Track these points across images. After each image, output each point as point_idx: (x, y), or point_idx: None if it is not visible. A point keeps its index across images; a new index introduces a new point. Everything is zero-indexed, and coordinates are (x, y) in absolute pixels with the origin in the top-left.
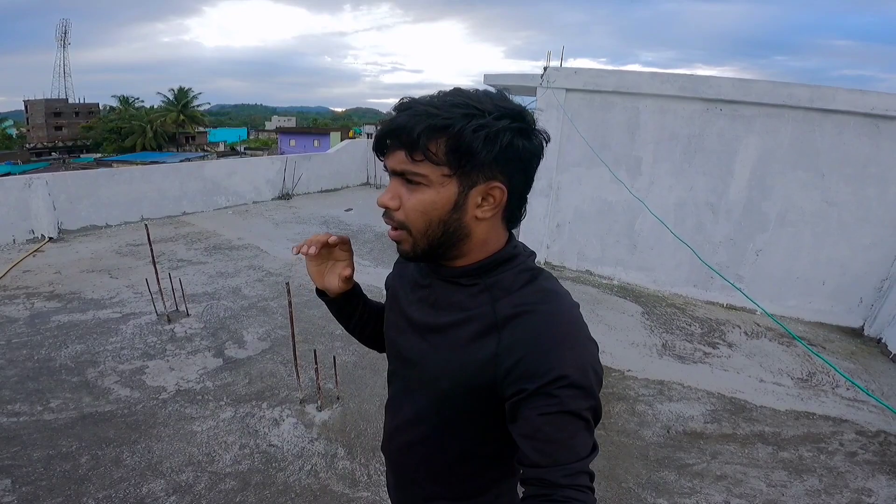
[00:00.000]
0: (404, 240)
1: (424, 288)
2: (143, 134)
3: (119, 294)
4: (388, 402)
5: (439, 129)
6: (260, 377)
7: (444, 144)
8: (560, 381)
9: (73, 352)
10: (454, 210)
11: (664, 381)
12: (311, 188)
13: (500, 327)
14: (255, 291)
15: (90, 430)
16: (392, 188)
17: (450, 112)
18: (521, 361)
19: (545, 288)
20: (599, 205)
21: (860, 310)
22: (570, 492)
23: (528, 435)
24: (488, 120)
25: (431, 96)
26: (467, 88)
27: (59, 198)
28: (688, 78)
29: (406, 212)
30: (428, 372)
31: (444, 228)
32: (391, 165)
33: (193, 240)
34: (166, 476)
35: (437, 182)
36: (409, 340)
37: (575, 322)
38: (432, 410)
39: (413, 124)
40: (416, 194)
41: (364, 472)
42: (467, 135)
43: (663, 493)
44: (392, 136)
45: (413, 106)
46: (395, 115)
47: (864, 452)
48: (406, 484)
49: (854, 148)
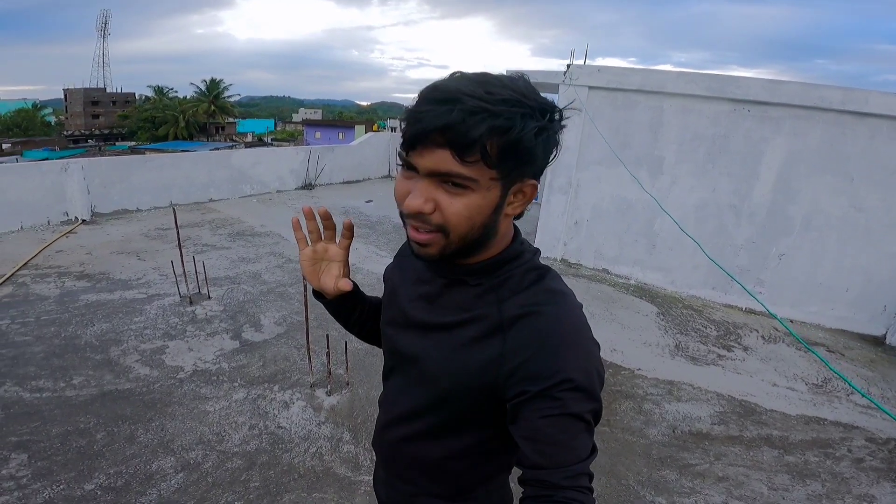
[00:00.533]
0: (435, 243)
1: (427, 284)
2: (176, 123)
3: (146, 275)
4: (383, 397)
5: (502, 131)
6: (274, 360)
7: (498, 146)
8: (564, 384)
9: (98, 330)
10: (496, 211)
11: (674, 381)
12: (333, 179)
13: (505, 328)
14: (275, 277)
15: (108, 407)
16: (423, 190)
17: (508, 111)
18: (526, 363)
19: (552, 288)
20: (619, 203)
21: (883, 318)
22: (570, 493)
23: (529, 436)
24: (544, 122)
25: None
26: (499, 75)
27: (94, 182)
28: (714, 78)
29: (447, 216)
30: (428, 370)
31: (483, 230)
32: (428, 165)
33: (218, 226)
34: (176, 454)
35: (484, 186)
36: (408, 337)
37: (580, 324)
38: (430, 408)
39: (472, 123)
40: (461, 199)
41: (367, 457)
42: (529, 139)
43: (662, 492)
44: (442, 133)
45: (460, 98)
46: (438, 107)
47: (871, 459)
48: (397, 480)
49: (886, 153)
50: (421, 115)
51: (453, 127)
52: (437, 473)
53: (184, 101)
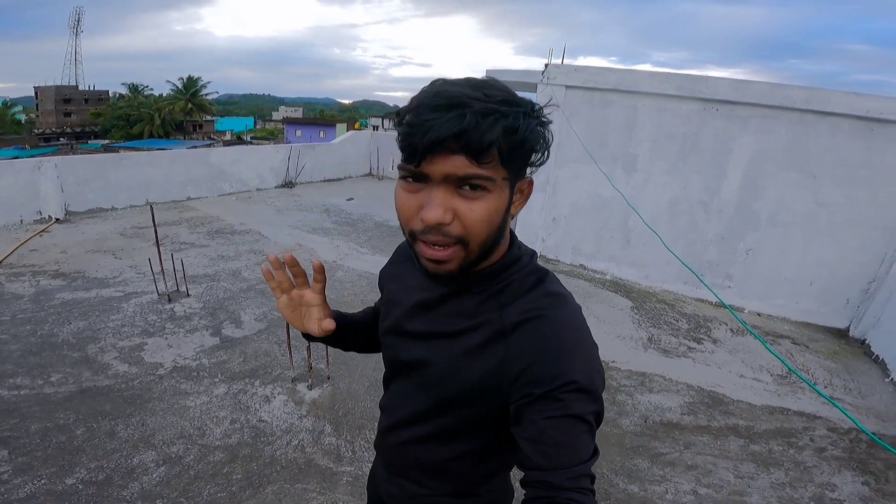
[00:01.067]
0: (455, 258)
1: (426, 292)
2: (151, 121)
3: (122, 274)
4: (385, 402)
5: (513, 130)
6: (255, 356)
7: (507, 146)
8: (567, 385)
9: (75, 328)
10: (506, 213)
11: (646, 373)
12: (314, 177)
13: (507, 333)
14: (255, 274)
15: (87, 403)
16: (440, 200)
17: (513, 110)
18: (530, 367)
19: (552, 292)
20: (595, 200)
21: (846, 311)
22: (572, 494)
23: (532, 438)
24: (539, 120)
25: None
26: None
27: (68, 180)
28: (686, 77)
29: (468, 224)
30: (431, 377)
31: (497, 234)
32: (444, 171)
33: (197, 224)
34: (157, 448)
35: (498, 186)
36: (409, 346)
37: (581, 327)
38: (433, 412)
39: (487, 126)
40: (480, 202)
41: (349, 449)
42: (533, 136)
43: (635, 480)
44: (455, 139)
45: (468, 102)
46: (446, 114)
47: (833, 448)
48: (401, 479)
49: (847, 150)
50: (430, 124)
51: (468, 131)
52: (440, 474)
53: (160, 98)
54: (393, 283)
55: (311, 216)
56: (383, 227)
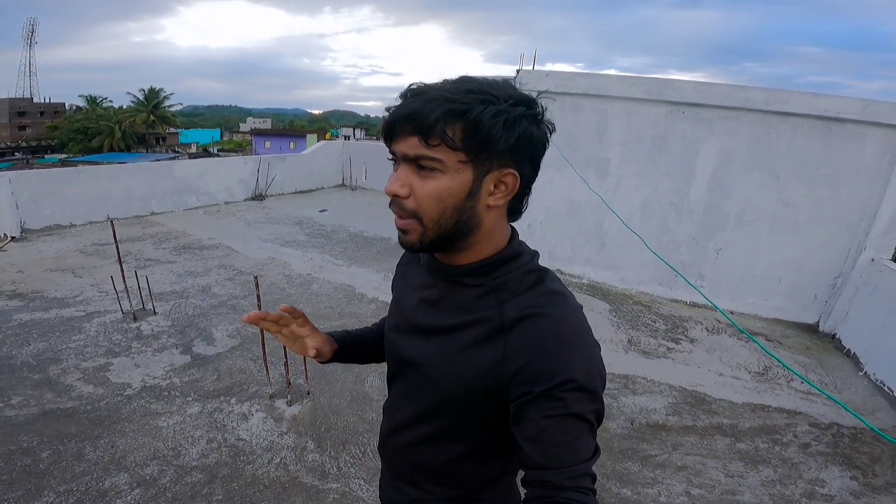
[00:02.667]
0: (413, 229)
1: (430, 288)
2: (111, 134)
3: (83, 293)
4: (387, 404)
5: (457, 113)
6: (229, 373)
7: (460, 130)
8: (567, 384)
9: (34, 350)
10: (468, 197)
11: (629, 375)
12: (285, 189)
13: (506, 330)
14: (226, 290)
15: (51, 425)
16: (401, 175)
17: (466, 97)
18: (529, 364)
19: (552, 290)
20: (570, 205)
21: (815, 306)
22: (573, 493)
23: (532, 437)
24: (505, 106)
25: (443, 82)
26: (475, 76)
27: (23, 196)
28: (653, 81)
29: (419, 199)
30: (431, 374)
31: (457, 217)
32: (402, 151)
33: (162, 239)
34: (130, 470)
35: (452, 168)
36: (411, 342)
37: (581, 325)
38: (433, 412)
39: (430, 109)
40: (431, 181)
41: (334, 465)
42: (486, 120)
43: (627, 484)
44: (406, 120)
45: (427, 91)
46: (408, 100)
47: (817, 444)
48: (403, 484)
49: (808, 150)
50: (392, 108)
51: (415, 114)
52: (443, 477)
53: (119, 111)
54: (400, 282)
55: (283, 229)
56: (358, 239)
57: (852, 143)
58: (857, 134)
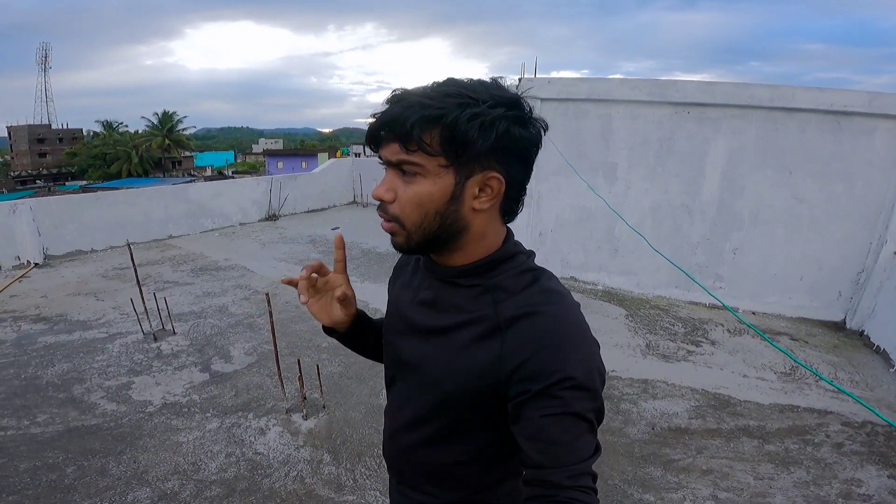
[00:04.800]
0: (397, 232)
1: (425, 290)
2: (129, 159)
3: (105, 315)
4: (387, 407)
5: (433, 119)
6: (246, 389)
7: (438, 135)
8: (565, 382)
9: (59, 370)
10: (451, 201)
11: (648, 379)
12: (297, 208)
13: (503, 329)
14: (242, 309)
15: (76, 442)
16: (387, 181)
17: (443, 102)
18: (527, 363)
19: (549, 288)
20: (579, 212)
21: (840, 303)
22: (573, 493)
23: (531, 436)
24: (483, 108)
25: (424, 86)
26: (461, 78)
27: (44, 223)
28: (655, 83)
29: (401, 204)
30: (430, 375)
31: (440, 220)
32: (385, 157)
33: (180, 262)
34: (152, 484)
35: (433, 173)
36: (409, 343)
37: (579, 323)
38: (433, 413)
39: (406, 116)
40: (412, 186)
41: (350, 477)
42: (461, 124)
43: (650, 489)
44: (385, 128)
45: (405, 97)
46: (388, 106)
47: (850, 443)
48: (407, 488)
49: (817, 145)
50: (376, 115)
51: (393, 120)
52: (445, 480)
53: (135, 135)
54: (396, 284)
55: (296, 248)
56: (371, 255)
57: (862, 136)
58: (867, 127)
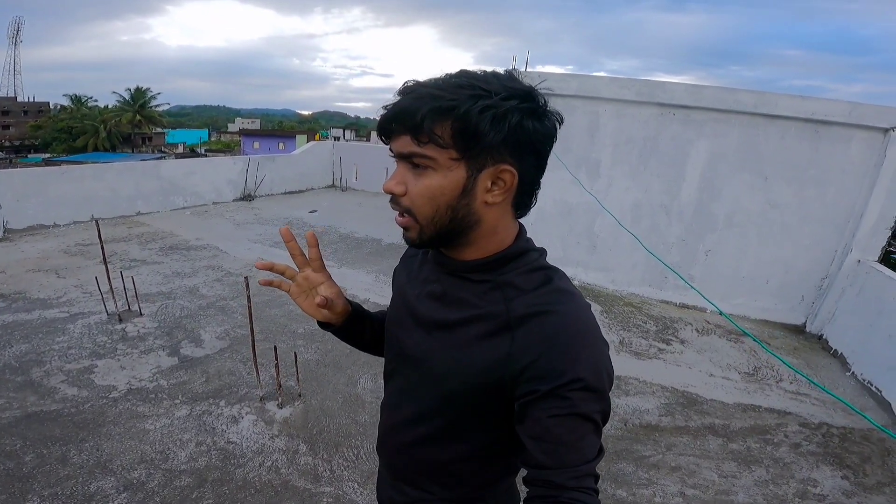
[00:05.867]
0: (411, 226)
1: (433, 283)
2: (97, 134)
3: (67, 294)
4: (385, 402)
5: (444, 111)
6: (218, 375)
7: (449, 127)
8: (574, 383)
9: (17, 351)
10: (463, 195)
11: (621, 376)
12: (274, 190)
13: (513, 327)
14: (214, 291)
15: (34, 428)
16: (398, 173)
17: (455, 93)
18: (537, 362)
19: (561, 288)
20: (561, 206)
21: (802, 307)
22: (576, 493)
23: (536, 436)
24: (495, 100)
25: (436, 78)
26: (474, 70)
27: (6, 196)
28: (644, 83)
29: (412, 197)
30: (434, 370)
31: (452, 214)
32: (396, 149)
33: (148, 240)
34: (116, 474)
35: (444, 166)
36: (413, 337)
37: (590, 324)
38: (435, 410)
39: (417, 107)
40: (423, 179)
41: (327, 468)
42: (473, 116)
43: (622, 485)
44: (396, 120)
45: (417, 89)
46: (399, 98)
47: (807, 444)
48: (403, 484)
49: (795, 152)
50: (388, 107)
51: (404, 112)
52: (443, 477)
53: (105, 110)
54: (403, 276)
55: (272, 230)
56: (349, 240)
57: (839, 144)
58: (844, 136)
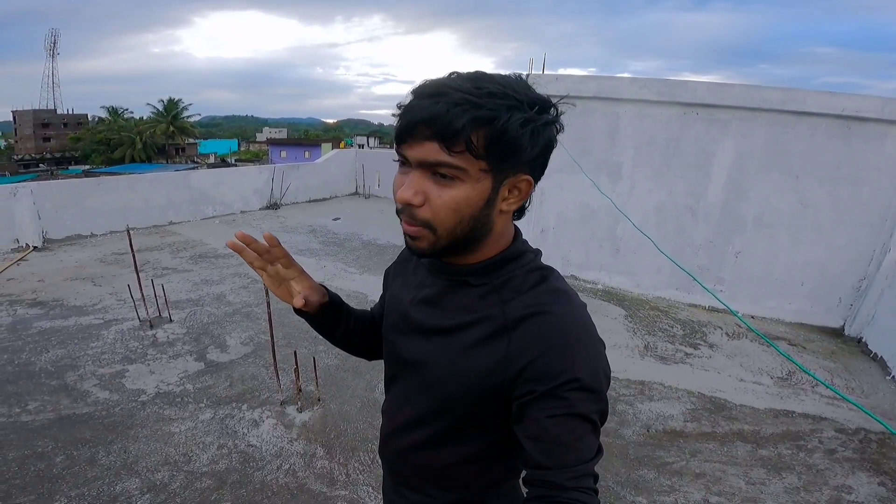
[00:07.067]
0: (424, 237)
1: (429, 287)
2: (133, 145)
3: (102, 301)
4: (386, 406)
5: (485, 120)
6: (241, 380)
7: (484, 137)
8: (572, 383)
9: (53, 356)
10: (486, 206)
11: (645, 381)
12: (299, 198)
13: (510, 329)
14: (240, 298)
15: (66, 430)
16: (414, 182)
17: (492, 103)
18: (533, 363)
19: (556, 288)
20: (582, 210)
21: (839, 310)
22: (575, 493)
23: (534, 436)
24: (532, 114)
25: (453, 79)
26: (491, 73)
27: (45, 207)
28: (665, 83)
29: (434, 209)
30: (433, 375)
31: (472, 224)
32: (418, 156)
33: (179, 248)
34: (141, 475)
35: (473, 177)
36: (411, 342)
37: (586, 323)
38: (435, 414)
39: (455, 114)
40: (450, 190)
41: (342, 472)
42: (514, 129)
43: (642, 492)
44: (427, 124)
45: (448, 92)
46: (425, 101)
47: (843, 450)
48: (404, 488)
49: (826, 149)
50: (409, 109)
51: (438, 118)
52: (444, 480)
53: (140, 121)
54: (397, 280)
55: (297, 237)
56: (371, 247)
57: (873, 141)
58: (878, 132)
